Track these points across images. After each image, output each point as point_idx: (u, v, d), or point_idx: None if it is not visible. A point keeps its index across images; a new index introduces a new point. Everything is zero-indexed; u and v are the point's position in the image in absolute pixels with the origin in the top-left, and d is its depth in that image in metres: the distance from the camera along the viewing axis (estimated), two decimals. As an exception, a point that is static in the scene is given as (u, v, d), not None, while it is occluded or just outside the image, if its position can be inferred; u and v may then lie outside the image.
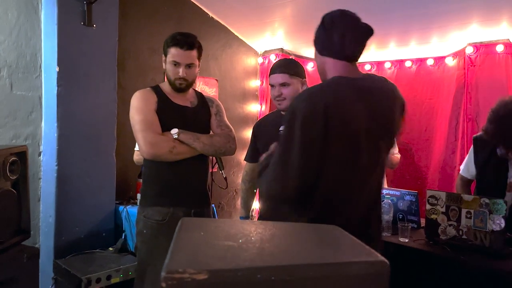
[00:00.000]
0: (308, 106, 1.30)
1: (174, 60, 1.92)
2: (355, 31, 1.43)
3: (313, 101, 1.31)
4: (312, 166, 1.29)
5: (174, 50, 1.92)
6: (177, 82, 1.95)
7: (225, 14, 3.76)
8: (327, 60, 1.46)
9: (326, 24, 1.45)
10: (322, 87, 1.39)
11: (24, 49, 2.60)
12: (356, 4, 3.03)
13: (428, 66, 3.66)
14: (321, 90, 1.36)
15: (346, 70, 1.43)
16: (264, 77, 4.23)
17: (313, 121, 1.27)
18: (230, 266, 0.60)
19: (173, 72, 1.94)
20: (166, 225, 1.88)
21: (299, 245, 0.72)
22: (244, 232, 0.77)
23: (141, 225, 1.94)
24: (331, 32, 1.42)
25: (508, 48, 3.11)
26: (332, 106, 1.29)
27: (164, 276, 0.56)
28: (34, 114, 2.65)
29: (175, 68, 1.93)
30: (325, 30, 1.44)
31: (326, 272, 0.61)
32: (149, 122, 1.86)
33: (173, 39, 1.93)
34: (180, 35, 1.95)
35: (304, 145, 1.27)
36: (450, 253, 2.00)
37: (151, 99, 1.94)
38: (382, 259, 0.64)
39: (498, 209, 1.93)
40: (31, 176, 2.46)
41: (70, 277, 2.28)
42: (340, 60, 1.43)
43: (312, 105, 1.29)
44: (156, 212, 1.90)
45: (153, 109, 1.91)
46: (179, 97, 2.01)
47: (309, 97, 1.34)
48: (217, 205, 3.93)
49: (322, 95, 1.32)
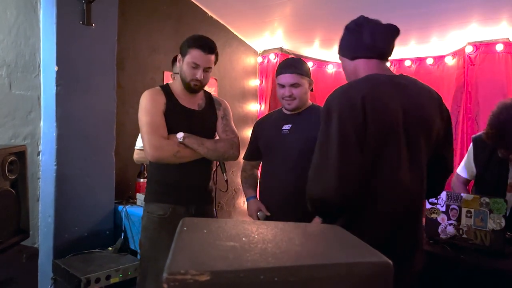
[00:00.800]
0: (345, 100, 1.28)
1: (195, 62, 1.91)
2: (383, 29, 1.45)
3: (350, 95, 1.29)
4: (353, 161, 1.22)
5: (196, 52, 1.90)
6: (193, 84, 1.95)
7: (224, 13, 3.75)
8: (359, 63, 1.45)
9: (352, 29, 1.47)
10: (358, 82, 1.37)
11: (23, 49, 2.59)
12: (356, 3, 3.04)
13: (428, 65, 3.66)
14: (357, 84, 1.35)
15: (379, 68, 1.43)
16: (263, 77, 4.23)
17: (351, 115, 1.24)
18: (233, 267, 0.60)
19: (190, 73, 1.93)
20: (168, 220, 1.92)
21: (302, 246, 0.71)
22: (246, 233, 0.76)
23: (145, 220, 2.00)
24: (360, 33, 1.44)
25: (507, 47, 3.11)
26: (369, 99, 1.27)
27: (166, 277, 0.56)
28: (33, 114, 2.64)
29: (194, 69, 1.92)
30: (353, 34, 1.46)
31: (330, 273, 0.61)
32: (155, 125, 1.88)
33: (196, 41, 1.93)
34: (203, 38, 1.97)
35: (343, 140, 1.22)
36: (450, 252, 2.00)
37: (159, 100, 1.94)
38: (386, 260, 0.63)
39: (499, 208, 1.93)
40: (30, 175, 2.45)
41: (69, 277, 2.27)
42: (373, 58, 1.44)
43: (349, 99, 1.27)
44: (158, 207, 1.96)
45: (161, 110, 1.92)
46: (188, 99, 2.01)
47: (346, 91, 1.33)
48: (217, 205, 3.92)
49: (358, 89, 1.31)
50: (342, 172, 1.19)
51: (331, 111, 1.27)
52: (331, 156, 1.21)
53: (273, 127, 2.17)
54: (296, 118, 2.13)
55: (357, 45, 1.45)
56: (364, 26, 1.44)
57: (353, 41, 1.46)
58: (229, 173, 4.10)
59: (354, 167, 1.22)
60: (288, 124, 2.13)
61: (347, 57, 1.50)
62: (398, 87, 1.36)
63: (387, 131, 1.28)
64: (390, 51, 1.47)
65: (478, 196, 2.02)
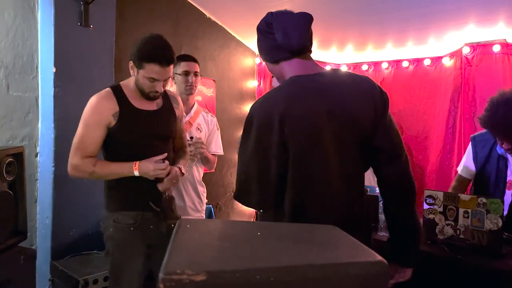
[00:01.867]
0: (263, 117, 1.29)
1: (152, 77, 1.76)
2: (294, 22, 1.35)
3: (268, 110, 1.28)
4: (272, 172, 1.26)
5: (153, 67, 1.73)
6: (152, 95, 1.83)
7: (222, 14, 3.76)
8: (282, 66, 1.39)
9: (264, 30, 1.39)
10: (277, 93, 1.34)
11: (20, 50, 2.59)
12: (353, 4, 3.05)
13: (425, 66, 3.67)
14: (276, 97, 1.32)
15: (301, 67, 1.37)
16: (261, 78, 4.24)
17: (269, 133, 1.26)
18: (229, 267, 0.60)
19: (148, 86, 1.79)
20: (137, 228, 1.84)
21: (297, 246, 0.71)
22: (242, 233, 0.76)
23: (111, 230, 1.86)
24: (271, 33, 1.36)
25: (504, 48, 3.12)
26: (287, 116, 1.25)
27: (162, 278, 0.56)
28: (30, 115, 2.63)
29: (152, 83, 1.78)
30: (266, 35, 1.38)
31: (325, 273, 0.61)
32: (83, 141, 1.79)
33: (151, 54, 1.73)
34: (158, 48, 1.76)
35: (261, 156, 1.26)
36: (447, 252, 2.00)
37: (106, 111, 1.79)
38: (381, 259, 0.64)
39: (495, 209, 1.94)
40: (28, 177, 2.45)
41: (67, 279, 2.27)
42: (293, 57, 1.37)
43: (267, 116, 1.28)
44: (126, 216, 1.84)
45: (103, 123, 1.79)
46: (142, 100, 1.87)
47: (264, 105, 1.32)
48: (215, 205, 3.93)
49: (276, 104, 1.28)
50: (261, 188, 1.26)
51: (251, 125, 1.31)
52: (252, 171, 1.27)
53: None
54: None
55: (272, 47, 1.37)
56: (274, 23, 1.35)
57: (267, 44, 1.39)
58: (227, 174, 4.11)
59: (273, 182, 1.25)
60: None
61: (269, 62, 1.44)
62: (321, 89, 1.31)
63: (311, 142, 1.26)
64: (308, 43, 1.40)
65: (475, 196, 2.03)
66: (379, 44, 3.76)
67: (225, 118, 4.09)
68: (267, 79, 4.12)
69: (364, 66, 4.01)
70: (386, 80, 3.85)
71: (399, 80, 3.78)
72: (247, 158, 1.29)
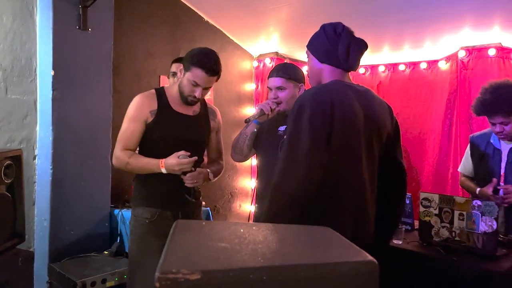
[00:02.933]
0: (316, 103, 1.36)
1: (195, 81, 1.89)
2: (357, 44, 1.55)
3: (320, 97, 1.38)
4: (321, 161, 1.31)
5: (199, 72, 1.87)
6: (190, 99, 1.94)
7: (220, 18, 3.78)
8: (325, 68, 1.56)
9: (331, 35, 1.54)
10: (326, 86, 1.48)
11: (19, 53, 2.60)
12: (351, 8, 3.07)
13: (422, 70, 3.69)
14: (325, 88, 1.45)
15: (343, 76, 1.56)
16: (259, 81, 4.25)
17: (322, 117, 1.33)
18: (223, 266, 0.61)
19: (189, 90, 1.92)
20: (154, 224, 1.93)
21: (291, 246, 0.73)
22: (238, 234, 0.78)
23: (132, 224, 2.00)
24: (336, 42, 1.52)
25: (500, 52, 3.15)
26: (337, 103, 1.37)
27: (158, 276, 0.57)
28: (29, 118, 2.65)
29: (193, 87, 1.90)
30: (330, 41, 1.53)
31: (317, 272, 0.62)
32: (126, 134, 1.93)
33: (201, 61, 1.88)
34: (209, 58, 1.90)
35: (314, 141, 1.31)
36: (443, 254, 2.02)
37: (146, 107, 1.93)
38: (371, 259, 0.66)
39: (490, 211, 1.96)
40: (26, 179, 2.46)
41: (65, 281, 2.27)
42: (339, 68, 1.55)
43: (320, 102, 1.36)
44: (145, 211, 1.95)
45: (143, 119, 1.92)
46: (181, 105, 2.00)
47: (315, 94, 1.41)
48: (213, 208, 3.93)
49: (327, 93, 1.41)
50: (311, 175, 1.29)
51: (302, 112, 1.35)
52: (301, 158, 1.29)
53: (270, 127, 2.20)
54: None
55: (331, 53, 1.54)
56: (342, 36, 1.53)
57: (328, 47, 1.54)
58: (225, 176, 4.12)
59: (320, 168, 1.31)
60: (283, 126, 2.16)
61: (316, 57, 1.58)
62: (358, 94, 1.49)
63: (351, 133, 1.40)
64: (357, 66, 1.61)
65: (470, 199, 2.05)
66: (376, 47, 3.78)
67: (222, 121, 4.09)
68: (265, 82, 4.14)
69: (361, 69, 4.04)
70: (383, 84, 3.87)
71: (395, 83, 3.81)
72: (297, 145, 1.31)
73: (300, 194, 1.28)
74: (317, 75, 1.59)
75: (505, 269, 1.88)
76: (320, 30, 1.59)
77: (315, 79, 1.61)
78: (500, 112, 2.26)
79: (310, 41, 1.63)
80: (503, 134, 2.32)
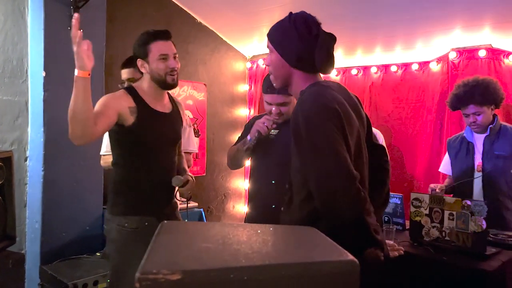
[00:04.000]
0: (327, 109, 1.25)
1: (162, 54, 1.82)
2: (332, 46, 1.39)
3: (329, 104, 1.27)
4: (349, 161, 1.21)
5: (158, 44, 1.82)
6: (169, 77, 1.84)
7: (213, 19, 3.78)
8: (297, 73, 1.40)
9: (304, 36, 1.35)
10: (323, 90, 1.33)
11: (10, 54, 2.59)
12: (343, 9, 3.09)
13: (413, 71, 3.71)
14: (325, 93, 1.32)
15: (317, 79, 1.42)
16: (252, 82, 4.26)
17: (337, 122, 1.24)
18: (204, 266, 0.62)
19: (163, 67, 1.82)
20: (141, 233, 1.83)
21: (274, 246, 0.74)
22: (222, 235, 0.78)
23: (114, 233, 1.87)
24: (312, 48, 1.34)
25: (490, 53, 3.17)
26: (341, 107, 1.29)
27: (138, 277, 0.58)
28: (20, 119, 2.64)
29: (164, 62, 1.83)
30: (304, 44, 1.35)
31: (298, 271, 0.63)
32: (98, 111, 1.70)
33: (151, 35, 1.84)
34: (155, 30, 1.86)
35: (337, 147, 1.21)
36: (433, 254, 2.03)
37: (123, 100, 1.80)
38: (352, 259, 0.66)
39: (479, 211, 1.97)
40: (17, 181, 2.45)
41: (56, 283, 2.27)
42: (313, 73, 1.40)
43: (330, 108, 1.25)
44: (130, 220, 1.84)
45: (118, 109, 1.75)
46: (157, 102, 1.91)
47: (321, 100, 1.28)
48: (206, 209, 3.93)
49: (330, 98, 1.29)
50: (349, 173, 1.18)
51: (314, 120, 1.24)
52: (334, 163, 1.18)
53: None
54: (283, 124, 2.17)
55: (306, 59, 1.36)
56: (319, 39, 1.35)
57: (302, 52, 1.35)
58: (218, 177, 4.12)
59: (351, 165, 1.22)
60: (276, 130, 2.16)
61: (285, 60, 1.39)
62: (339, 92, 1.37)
63: (354, 133, 1.32)
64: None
65: (459, 199, 2.06)
66: (368, 49, 3.80)
67: (216, 122, 4.10)
68: (258, 83, 4.15)
69: (353, 70, 4.05)
70: (375, 85, 3.89)
71: (387, 84, 3.82)
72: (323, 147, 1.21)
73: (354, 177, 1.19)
74: (285, 78, 1.43)
75: (495, 268, 1.89)
76: (289, 25, 1.36)
77: (281, 79, 1.44)
78: (473, 102, 2.45)
79: (274, 35, 1.41)
80: (476, 125, 2.49)
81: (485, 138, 2.53)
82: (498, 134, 2.51)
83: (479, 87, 2.45)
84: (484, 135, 2.54)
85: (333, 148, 1.19)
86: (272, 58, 1.43)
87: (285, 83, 1.45)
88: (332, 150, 1.19)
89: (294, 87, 1.42)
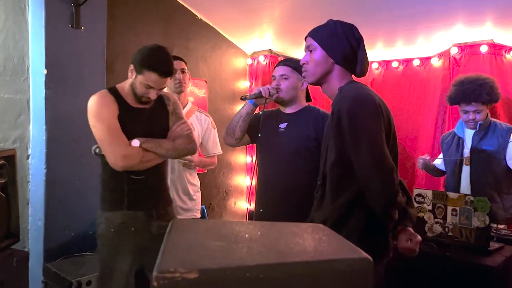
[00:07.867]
0: (371, 107, 1.40)
1: (149, 84, 1.83)
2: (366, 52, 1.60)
3: (372, 102, 1.42)
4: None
5: (152, 76, 1.81)
6: (144, 100, 1.90)
7: (214, 15, 3.77)
8: (338, 69, 1.56)
9: (351, 38, 1.53)
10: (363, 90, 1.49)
11: (11, 52, 2.58)
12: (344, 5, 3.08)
13: (415, 67, 3.72)
14: (366, 92, 1.47)
15: (352, 78, 1.59)
16: (253, 78, 4.26)
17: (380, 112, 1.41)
18: (220, 265, 0.62)
19: (143, 92, 1.86)
20: (128, 227, 1.87)
21: (286, 244, 0.74)
22: (234, 232, 0.79)
23: (102, 227, 1.90)
24: (356, 49, 1.54)
25: (492, 49, 3.17)
26: (381, 105, 1.44)
27: (156, 276, 0.58)
28: (22, 117, 2.63)
29: (147, 89, 1.85)
30: (351, 45, 1.53)
31: (312, 269, 0.63)
32: (115, 132, 1.81)
33: (153, 63, 1.82)
34: (160, 60, 1.84)
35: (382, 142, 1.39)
36: (436, 249, 2.05)
37: (112, 105, 1.85)
38: (366, 256, 0.67)
39: (483, 207, 1.99)
40: (20, 179, 2.45)
41: (60, 281, 2.27)
42: (351, 72, 1.58)
43: (374, 106, 1.41)
44: (118, 215, 1.88)
45: (115, 115, 1.84)
46: (136, 100, 1.93)
47: (364, 98, 1.43)
48: (208, 206, 3.94)
49: (371, 96, 1.44)
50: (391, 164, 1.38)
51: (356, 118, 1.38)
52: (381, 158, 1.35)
53: (271, 124, 2.21)
54: (292, 118, 2.18)
55: (350, 58, 1.54)
56: (361, 47, 1.56)
57: (348, 51, 1.53)
58: (219, 174, 4.12)
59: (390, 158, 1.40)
60: (284, 123, 2.17)
61: (330, 56, 1.55)
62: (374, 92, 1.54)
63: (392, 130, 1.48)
64: None
65: (463, 194, 2.08)
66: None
67: (217, 119, 4.07)
68: (259, 80, 4.14)
69: (355, 66, 4.05)
70: (376, 81, 3.89)
71: (389, 80, 3.83)
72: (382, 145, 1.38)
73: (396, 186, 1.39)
74: (323, 74, 1.58)
75: (498, 263, 1.91)
76: (336, 28, 1.55)
77: (319, 75, 1.58)
78: (478, 100, 2.52)
79: (319, 34, 1.58)
80: (473, 121, 2.59)
81: (474, 133, 2.64)
82: (487, 130, 2.61)
83: (486, 86, 2.51)
84: (474, 130, 2.65)
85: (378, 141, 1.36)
86: (313, 56, 1.58)
87: (320, 80, 1.59)
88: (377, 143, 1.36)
89: (331, 84, 1.57)
